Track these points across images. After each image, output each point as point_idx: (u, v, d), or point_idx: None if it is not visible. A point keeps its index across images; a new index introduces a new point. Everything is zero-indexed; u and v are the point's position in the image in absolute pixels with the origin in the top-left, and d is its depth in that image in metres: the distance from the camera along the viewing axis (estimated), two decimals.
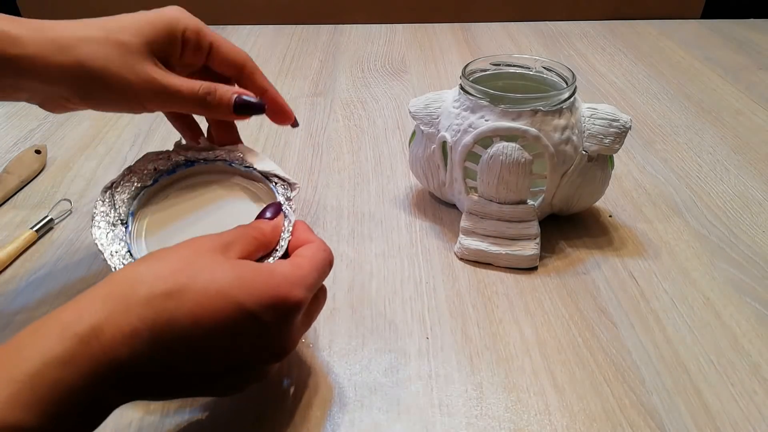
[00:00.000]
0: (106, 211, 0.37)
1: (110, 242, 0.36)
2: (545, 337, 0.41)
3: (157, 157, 0.40)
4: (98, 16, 0.39)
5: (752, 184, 0.57)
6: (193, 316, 0.27)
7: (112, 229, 0.36)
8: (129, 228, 0.37)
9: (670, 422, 0.35)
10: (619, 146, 0.45)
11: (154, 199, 0.39)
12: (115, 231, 0.36)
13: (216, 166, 0.40)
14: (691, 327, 0.41)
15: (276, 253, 0.35)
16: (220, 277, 0.28)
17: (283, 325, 0.29)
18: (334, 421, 0.35)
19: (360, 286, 0.45)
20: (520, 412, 0.36)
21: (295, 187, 0.38)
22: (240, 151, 0.40)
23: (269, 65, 0.85)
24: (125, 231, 0.37)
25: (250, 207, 0.39)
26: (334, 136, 0.66)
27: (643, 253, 0.48)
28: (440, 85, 0.79)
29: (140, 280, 0.27)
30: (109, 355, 0.25)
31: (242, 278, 0.28)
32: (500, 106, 0.44)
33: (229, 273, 0.28)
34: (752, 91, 0.77)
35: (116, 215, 0.37)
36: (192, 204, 0.39)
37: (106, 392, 0.26)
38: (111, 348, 0.25)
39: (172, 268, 0.28)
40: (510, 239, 0.46)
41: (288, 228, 0.36)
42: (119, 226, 0.37)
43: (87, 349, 0.25)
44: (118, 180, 0.38)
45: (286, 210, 0.37)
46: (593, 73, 0.83)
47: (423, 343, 0.40)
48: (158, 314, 0.26)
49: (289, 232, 0.36)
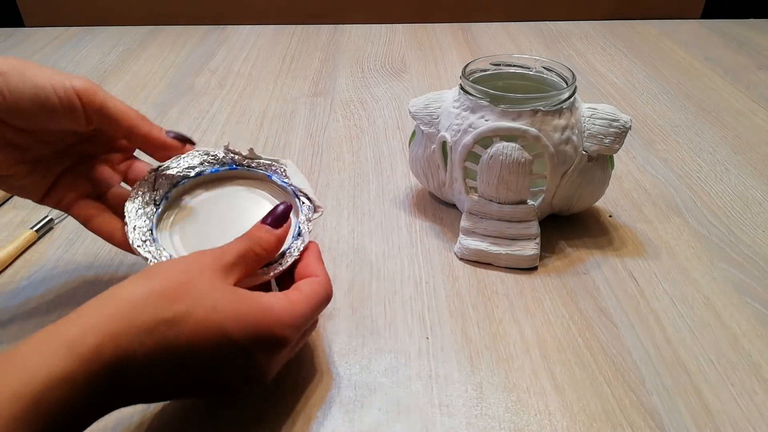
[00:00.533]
0: (144, 189, 0.39)
1: (137, 217, 0.38)
2: (545, 337, 0.41)
3: (207, 154, 0.42)
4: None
5: (752, 184, 0.57)
6: (190, 346, 0.28)
7: (143, 207, 0.39)
8: (159, 210, 0.39)
9: (670, 422, 0.35)
10: (619, 146, 0.45)
11: (191, 191, 0.41)
12: (146, 209, 0.39)
13: (256, 174, 0.42)
14: (691, 327, 0.41)
15: (279, 267, 0.36)
16: (220, 310, 0.29)
17: (269, 357, 0.31)
18: (334, 421, 0.35)
19: (360, 286, 0.45)
20: (520, 412, 0.36)
21: (319, 210, 0.40)
22: (284, 165, 0.42)
23: (269, 65, 0.85)
24: (155, 211, 0.39)
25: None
26: (334, 136, 0.66)
27: (643, 253, 0.48)
28: (440, 85, 0.79)
29: (144, 303, 0.28)
30: (108, 373, 0.26)
31: (239, 313, 0.30)
32: (500, 106, 0.44)
33: (227, 306, 0.29)
34: (752, 91, 0.77)
35: (152, 195, 0.39)
36: (221, 205, 0.41)
37: (102, 405, 0.27)
38: (110, 367, 0.26)
39: (175, 292, 0.29)
40: (510, 239, 0.46)
41: (299, 247, 0.37)
42: (151, 206, 0.39)
43: (89, 368, 0.26)
44: (166, 164, 0.40)
45: (302, 228, 0.38)
46: (593, 73, 0.83)
47: (423, 343, 0.40)
48: (158, 342, 0.28)
49: (299, 251, 0.37)
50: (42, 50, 0.91)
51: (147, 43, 0.94)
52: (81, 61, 0.87)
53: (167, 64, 0.86)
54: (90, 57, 0.89)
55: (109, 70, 0.84)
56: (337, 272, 0.46)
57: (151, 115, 0.70)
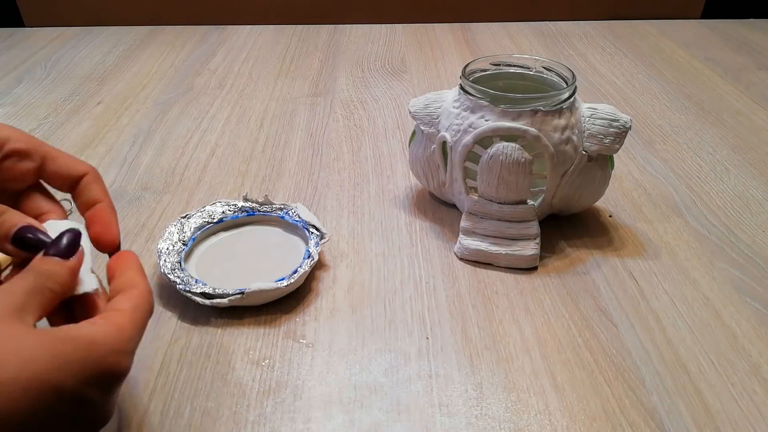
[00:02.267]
0: (174, 231, 0.47)
1: (168, 253, 0.45)
2: (545, 337, 0.41)
3: (228, 204, 0.50)
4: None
5: (752, 184, 0.57)
6: (7, 411, 0.23)
7: (173, 245, 0.46)
8: (186, 248, 0.46)
9: (670, 422, 0.35)
10: (619, 146, 0.45)
11: (214, 234, 0.49)
12: (176, 247, 0.46)
13: (271, 217, 0.50)
14: (691, 327, 0.41)
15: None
16: (32, 359, 0.24)
17: (108, 395, 0.27)
18: (334, 421, 0.35)
19: (360, 286, 0.45)
20: (520, 412, 0.36)
21: (325, 237, 0.46)
22: (295, 206, 0.49)
23: (269, 65, 0.85)
24: (184, 249, 0.46)
25: (284, 250, 0.47)
26: (334, 136, 0.66)
27: (643, 253, 0.48)
28: (440, 85, 0.79)
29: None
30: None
31: (58, 357, 0.24)
32: (500, 106, 0.44)
33: (40, 353, 0.24)
34: (752, 91, 0.77)
35: (181, 236, 0.46)
36: (240, 242, 0.48)
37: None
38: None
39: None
40: (510, 239, 0.46)
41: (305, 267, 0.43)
42: (179, 244, 0.46)
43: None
44: (192, 213, 0.49)
45: (311, 251, 0.44)
46: (593, 73, 0.83)
47: (423, 343, 0.40)
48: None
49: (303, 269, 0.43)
50: (42, 50, 0.91)
51: (147, 43, 0.94)
52: (81, 61, 0.87)
53: (167, 64, 0.86)
54: (90, 57, 0.89)
55: (109, 70, 0.84)
56: (337, 272, 0.46)
57: (151, 115, 0.70)
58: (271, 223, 0.50)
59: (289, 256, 0.46)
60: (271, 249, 0.47)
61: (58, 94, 0.77)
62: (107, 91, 0.77)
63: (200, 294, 0.41)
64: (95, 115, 0.71)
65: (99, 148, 0.64)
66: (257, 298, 0.41)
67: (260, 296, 0.41)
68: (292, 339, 0.40)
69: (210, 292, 0.41)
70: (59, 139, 0.65)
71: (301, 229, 0.47)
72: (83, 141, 0.65)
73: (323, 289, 0.45)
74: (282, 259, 0.46)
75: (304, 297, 0.44)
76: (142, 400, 0.36)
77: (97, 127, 0.68)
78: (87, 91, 0.77)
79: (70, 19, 1.01)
